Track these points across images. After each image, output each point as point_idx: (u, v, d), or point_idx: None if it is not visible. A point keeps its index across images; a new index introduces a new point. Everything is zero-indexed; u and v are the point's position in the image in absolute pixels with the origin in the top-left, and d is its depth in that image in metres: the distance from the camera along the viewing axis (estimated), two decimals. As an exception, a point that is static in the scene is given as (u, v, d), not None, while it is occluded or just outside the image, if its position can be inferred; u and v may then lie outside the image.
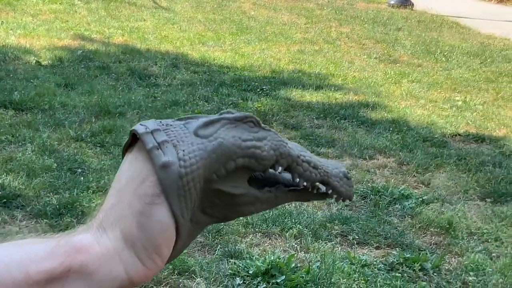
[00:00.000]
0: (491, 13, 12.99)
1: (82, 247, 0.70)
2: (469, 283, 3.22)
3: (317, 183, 0.91)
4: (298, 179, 0.87)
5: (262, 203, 0.86)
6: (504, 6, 14.31)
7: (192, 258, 3.28)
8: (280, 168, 0.84)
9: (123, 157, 0.82)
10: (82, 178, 4.05)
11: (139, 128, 0.79)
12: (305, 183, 0.87)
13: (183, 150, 0.77)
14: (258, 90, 6.41)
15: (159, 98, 5.88)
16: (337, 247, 3.51)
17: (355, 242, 3.59)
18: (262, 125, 0.84)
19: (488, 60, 8.49)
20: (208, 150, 0.78)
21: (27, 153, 4.34)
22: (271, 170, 0.89)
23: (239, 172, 0.81)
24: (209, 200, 0.81)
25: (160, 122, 0.81)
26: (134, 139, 0.82)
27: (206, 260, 3.27)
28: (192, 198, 0.77)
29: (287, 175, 0.94)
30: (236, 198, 0.82)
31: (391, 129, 5.46)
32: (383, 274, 3.26)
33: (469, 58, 8.57)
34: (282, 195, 0.89)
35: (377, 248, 3.56)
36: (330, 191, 0.90)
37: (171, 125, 0.80)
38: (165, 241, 0.74)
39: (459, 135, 5.51)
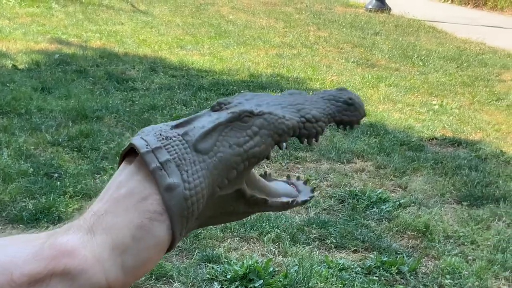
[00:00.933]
0: (467, 17, 13.13)
1: (67, 250, 0.70)
2: (446, 286, 3.24)
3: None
4: (306, 140, 0.87)
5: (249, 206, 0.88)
6: (480, 10, 14.47)
7: (170, 263, 3.27)
8: (284, 145, 0.85)
9: (120, 163, 0.82)
10: (58, 183, 4.02)
11: (140, 144, 0.79)
12: (315, 139, 0.87)
13: (187, 171, 0.77)
14: (237, 94, 6.40)
15: (137, 102, 5.86)
16: (315, 251, 3.52)
17: (332, 246, 3.60)
18: (256, 111, 0.84)
19: (464, 64, 8.57)
20: (210, 168, 0.79)
21: (3, 157, 4.30)
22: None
23: (240, 173, 0.83)
24: (206, 209, 0.81)
25: (160, 134, 0.81)
26: (134, 149, 0.81)
27: (184, 265, 3.27)
28: (194, 217, 0.78)
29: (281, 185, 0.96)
30: (240, 196, 0.84)
31: (368, 133, 5.49)
32: (360, 278, 3.28)
33: (445, 62, 8.65)
34: (276, 204, 0.91)
35: (354, 251, 3.57)
36: (341, 126, 0.90)
37: (170, 139, 0.80)
38: (156, 256, 0.75)
39: (435, 139, 5.55)
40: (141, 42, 8.50)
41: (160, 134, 0.81)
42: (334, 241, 3.64)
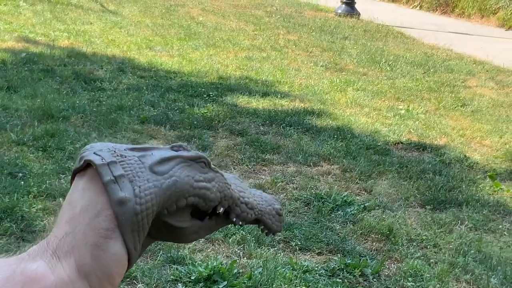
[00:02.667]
0: (435, 24, 13.31)
1: (37, 277, 0.71)
2: (408, 288, 3.29)
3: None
4: (235, 219, 0.92)
5: (204, 230, 0.91)
6: (448, 17, 14.67)
7: (134, 264, 3.25)
8: (221, 209, 0.89)
9: (72, 180, 0.82)
10: (22, 182, 3.98)
11: (94, 158, 0.80)
12: (240, 223, 0.93)
13: (139, 187, 0.78)
14: (205, 96, 6.41)
15: (104, 103, 5.82)
16: (280, 253, 3.54)
17: (297, 248, 3.62)
18: (212, 166, 0.88)
19: (431, 70, 8.68)
20: (163, 188, 0.80)
21: (-34, 156, 4.24)
22: None
23: (186, 207, 0.85)
24: (156, 228, 0.83)
25: (114, 151, 0.82)
26: (87, 164, 0.82)
27: (148, 266, 3.26)
28: (145, 232, 0.80)
29: None
30: (181, 230, 0.86)
31: (335, 136, 5.53)
32: (324, 280, 3.30)
33: (412, 67, 8.75)
34: (221, 222, 0.94)
35: (319, 254, 3.60)
36: (262, 227, 0.97)
37: (126, 157, 0.81)
38: (119, 272, 0.76)
39: (401, 143, 5.62)
40: (110, 42, 8.45)
41: (115, 151, 0.83)
42: (299, 243, 3.66)
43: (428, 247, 3.78)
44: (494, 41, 11.72)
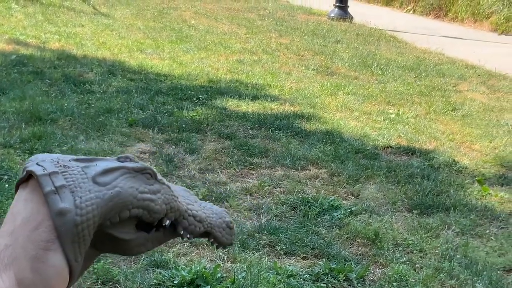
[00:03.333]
0: (428, 28, 13.32)
1: None
2: (392, 294, 3.27)
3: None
4: (182, 232, 0.90)
5: (152, 242, 0.89)
6: (441, 21, 14.68)
7: (117, 268, 3.24)
8: (167, 222, 0.87)
9: (15, 192, 0.81)
10: (7, 185, 3.95)
11: (36, 168, 0.78)
12: (188, 236, 0.91)
13: (80, 197, 0.77)
14: (194, 99, 6.40)
15: (93, 105, 5.80)
16: (264, 257, 3.52)
17: (282, 252, 3.61)
18: (158, 177, 0.87)
19: (423, 74, 8.68)
20: (105, 199, 0.79)
21: (-50, 159, 4.21)
22: None
23: (131, 219, 0.83)
24: (100, 240, 0.81)
25: (57, 162, 0.81)
26: (29, 176, 0.81)
27: (131, 270, 3.24)
28: (86, 243, 0.78)
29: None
30: (125, 242, 0.84)
31: (324, 140, 5.52)
32: (308, 285, 3.28)
33: (404, 71, 8.75)
34: (169, 234, 0.92)
35: (304, 258, 3.58)
36: (212, 240, 0.95)
37: (68, 168, 0.80)
38: (59, 284, 0.74)
39: (390, 147, 5.61)
40: (101, 45, 8.43)
41: (58, 162, 0.81)
42: (284, 247, 3.64)
43: (414, 252, 3.76)
44: (487, 45, 11.74)
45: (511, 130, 6.26)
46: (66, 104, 5.69)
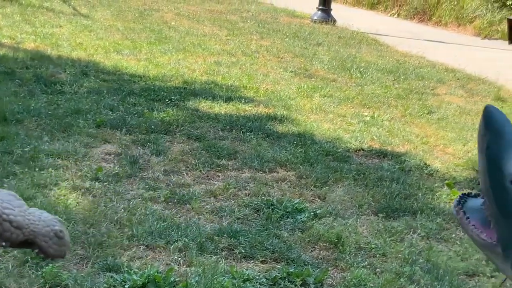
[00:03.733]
0: (411, 31, 13.29)
1: None
2: (349, 298, 3.21)
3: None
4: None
5: None
6: (425, 25, 14.67)
7: (67, 271, 3.15)
8: None
9: None
10: (-38, 186, 3.86)
11: None
12: (4, 243, 0.83)
13: None
14: (167, 100, 6.32)
15: (61, 106, 5.71)
16: (221, 261, 3.44)
17: (241, 256, 3.53)
18: None
19: (402, 77, 8.63)
20: None
21: None
22: None
23: None
24: None
25: None
26: None
27: (82, 274, 3.15)
28: None
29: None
30: None
31: (295, 142, 5.44)
32: (264, 289, 3.21)
33: (383, 74, 8.70)
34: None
35: (263, 262, 3.51)
36: (36, 251, 0.87)
37: None
38: None
39: (362, 150, 5.55)
40: (77, 46, 8.33)
41: None
42: (243, 251, 3.57)
43: (377, 255, 3.70)
44: (469, 49, 11.72)
45: (485, 133, 6.22)
46: (33, 105, 5.60)
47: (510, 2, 13.81)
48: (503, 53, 10.53)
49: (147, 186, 4.29)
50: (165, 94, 6.48)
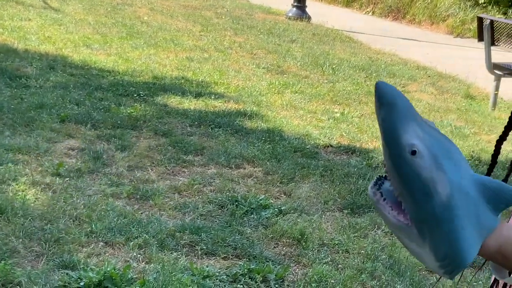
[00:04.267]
0: (385, 29, 13.31)
1: None
2: (310, 295, 3.17)
3: None
4: None
5: None
6: (399, 23, 14.71)
7: (21, 268, 3.08)
8: None
9: None
10: None
11: None
12: None
13: None
14: (135, 95, 6.24)
15: (25, 100, 5.61)
16: (182, 257, 3.38)
17: (202, 252, 3.48)
18: None
19: (374, 74, 8.63)
20: None
21: None
22: None
23: None
24: None
25: None
26: None
27: (37, 271, 3.08)
28: None
29: None
30: None
31: (263, 138, 5.40)
32: (224, 286, 3.17)
33: (355, 71, 8.69)
34: None
35: (224, 258, 3.46)
36: None
37: None
38: None
39: (331, 146, 5.52)
40: (46, 39, 8.21)
41: None
42: (205, 247, 3.52)
43: (340, 251, 3.67)
44: (441, 47, 11.77)
45: (454, 130, 6.23)
46: (-3, 99, 5.49)
47: (483, 1, 13.90)
48: (474, 51, 10.56)
49: (109, 182, 4.22)
50: (134, 89, 6.40)
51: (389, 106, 0.74)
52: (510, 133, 1.09)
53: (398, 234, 0.80)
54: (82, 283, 2.99)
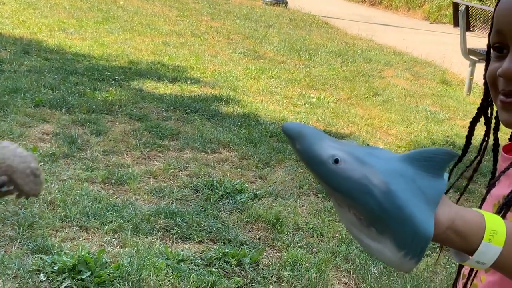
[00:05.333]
0: (362, 15, 13.35)
1: None
2: (284, 278, 3.19)
3: None
4: None
5: None
6: (376, 9, 14.75)
7: (-6, 254, 3.06)
8: None
9: None
10: None
11: None
12: None
13: None
14: (111, 80, 6.20)
15: (-1, 85, 5.55)
16: (157, 242, 3.39)
17: (177, 236, 3.48)
18: None
19: (350, 60, 8.66)
20: None
21: None
22: None
23: None
24: None
25: None
26: None
27: (10, 255, 3.06)
28: None
29: None
30: None
31: (239, 123, 5.41)
32: (199, 270, 3.17)
33: (331, 57, 8.71)
34: None
35: (199, 243, 3.47)
36: (12, 187, 0.83)
37: None
38: None
39: (307, 131, 5.53)
40: (20, 24, 8.12)
41: None
42: (180, 232, 3.52)
43: (315, 235, 3.69)
44: (417, 33, 11.84)
45: (429, 115, 6.28)
46: (-30, 83, 5.43)
47: (459, -13, 13.96)
48: (450, 37, 10.64)
49: (84, 167, 4.20)
50: (109, 73, 6.36)
51: (300, 137, 0.76)
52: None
53: (358, 236, 0.82)
54: (56, 267, 2.98)
